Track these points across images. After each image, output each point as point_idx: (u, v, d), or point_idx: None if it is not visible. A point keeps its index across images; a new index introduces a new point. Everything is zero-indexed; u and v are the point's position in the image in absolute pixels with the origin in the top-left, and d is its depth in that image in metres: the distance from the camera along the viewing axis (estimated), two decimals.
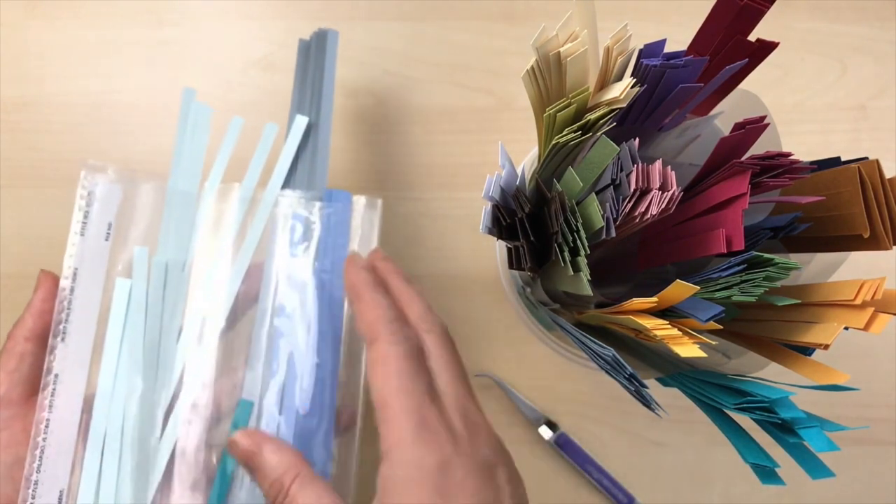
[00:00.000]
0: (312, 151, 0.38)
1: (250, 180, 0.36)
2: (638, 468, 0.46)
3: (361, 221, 0.37)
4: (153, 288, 0.34)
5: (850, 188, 0.29)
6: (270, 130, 0.37)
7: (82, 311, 0.33)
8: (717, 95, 0.33)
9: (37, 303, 0.33)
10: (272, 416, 0.34)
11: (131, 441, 0.32)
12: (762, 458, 0.29)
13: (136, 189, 0.35)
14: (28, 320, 0.32)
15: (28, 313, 0.32)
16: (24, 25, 0.48)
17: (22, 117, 0.47)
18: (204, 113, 0.36)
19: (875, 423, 0.47)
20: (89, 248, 0.34)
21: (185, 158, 0.36)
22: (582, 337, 0.30)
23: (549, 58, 0.28)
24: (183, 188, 0.35)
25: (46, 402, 0.31)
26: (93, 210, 0.34)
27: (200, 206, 0.36)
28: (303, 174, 0.38)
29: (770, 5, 0.29)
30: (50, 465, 0.31)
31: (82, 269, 0.33)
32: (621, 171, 0.28)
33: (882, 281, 0.27)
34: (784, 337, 0.30)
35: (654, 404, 0.29)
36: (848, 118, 0.50)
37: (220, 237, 0.35)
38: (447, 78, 0.49)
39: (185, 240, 0.35)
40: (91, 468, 0.31)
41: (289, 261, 0.36)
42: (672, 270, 0.35)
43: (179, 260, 0.35)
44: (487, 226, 0.29)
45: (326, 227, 0.36)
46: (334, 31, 0.40)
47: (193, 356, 0.34)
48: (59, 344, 0.32)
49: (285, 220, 0.36)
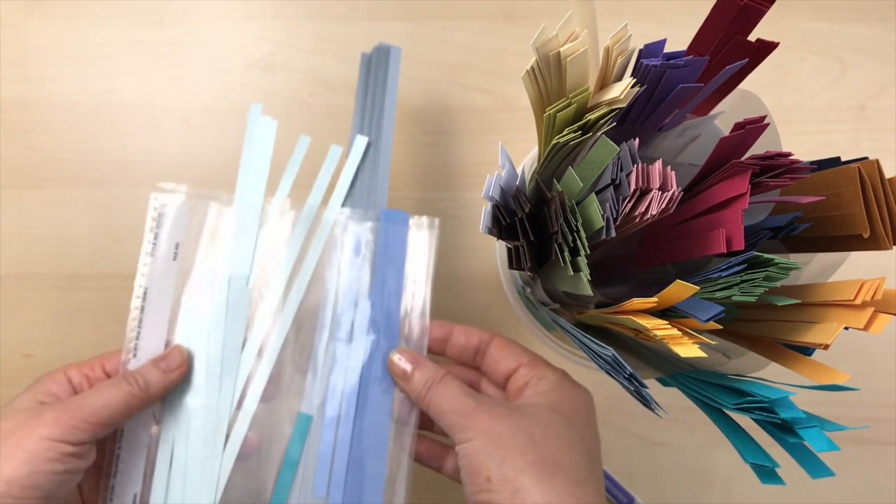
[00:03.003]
0: (372, 170, 0.38)
1: (314, 199, 0.37)
2: (638, 468, 0.46)
3: (418, 241, 0.38)
4: (217, 304, 0.35)
5: (850, 188, 0.29)
6: (335, 152, 0.38)
7: (152, 328, 0.34)
8: (717, 95, 0.33)
9: (161, 381, 0.32)
10: (329, 429, 0.35)
11: (197, 450, 0.33)
12: (762, 458, 0.29)
13: (203, 207, 0.36)
14: (148, 390, 0.32)
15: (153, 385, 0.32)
16: (24, 25, 0.48)
17: (22, 117, 0.47)
18: (269, 128, 0.37)
19: (875, 423, 0.47)
20: (158, 267, 0.34)
21: (250, 175, 0.36)
22: (582, 337, 0.30)
23: (549, 58, 0.28)
24: (248, 205, 0.36)
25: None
26: (162, 231, 0.35)
27: (264, 223, 0.36)
28: (361, 193, 0.38)
29: (770, 5, 0.29)
30: (124, 470, 0.33)
31: (152, 289, 0.34)
32: (621, 171, 0.28)
33: (882, 281, 0.27)
34: (784, 337, 0.30)
35: (654, 404, 0.29)
36: (848, 118, 0.50)
37: (282, 254, 0.36)
38: (447, 78, 0.49)
39: (248, 256, 0.36)
40: (161, 475, 0.33)
41: (347, 278, 0.36)
42: (672, 270, 0.35)
43: (242, 275, 0.35)
44: (487, 226, 0.29)
45: (384, 247, 0.37)
46: (397, 47, 0.40)
47: (255, 370, 0.35)
48: (131, 360, 0.33)
49: (344, 238, 0.37)
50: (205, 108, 0.48)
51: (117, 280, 0.40)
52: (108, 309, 0.35)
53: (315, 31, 0.49)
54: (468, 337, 0.36)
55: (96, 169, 0.47)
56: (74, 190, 0.47)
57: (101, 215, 0.47)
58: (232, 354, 0.35)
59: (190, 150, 0.48)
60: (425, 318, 0.37)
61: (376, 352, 0.36)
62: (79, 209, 0.47)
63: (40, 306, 0.46)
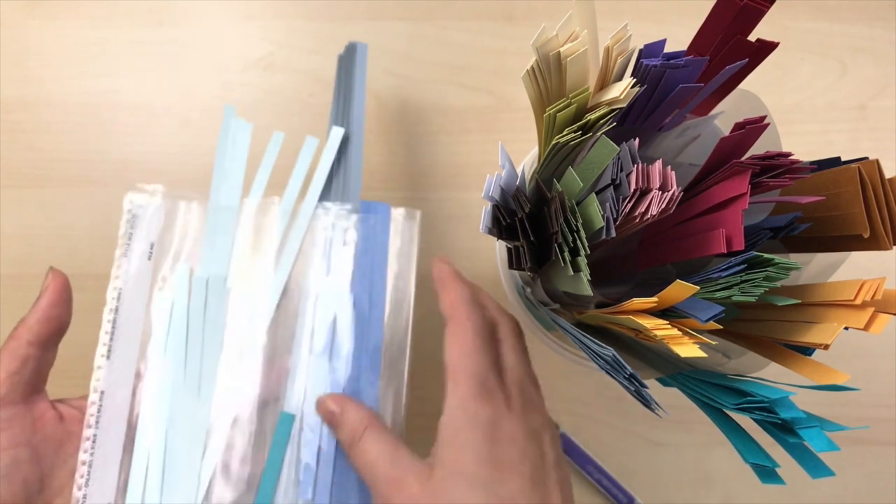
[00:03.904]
0: (345, 163, 0.38)
1: (291, 194, 0.37)
2: (638, 468, 0.46)
3: (401, 232, 0.37)
4: (194, 304, 0.34)
5: (850, 188, 0.29)
6: (311, 144, 0.37)
7: (126, 328, 0.33)
8: (717, 95, 0.33)
9: (45, 307, 0.32)
10: (314, 429, 0.34)
11: (175, 456, 0.33)
12: (762, 458, 0.29)
13: (178, 207, 0.35)
14: (34, 326, 0.32)
15: (34, 318, 0.32)
16: (24, 25, 0.48)
17: (22, 117, 0.47)
18: (244, 129, 0.37)
19: (875, 423, 0.47)
20: (133, 268, 0.34)
21: (225, 174, 0.36)
22: (582, 337, 0.30)
23: (549, 58, 0.28)
24: (224, 203, 0.36)
25: (93, 419, 0.32)
26: (136, 232, 0.34)
27: (240, 221, 0.36)
28: (337, 186, 0.38)
29: (770, 5, 0.29)
30: (97, 480, 0.32)
31: (126, 290, 0.34)
32: (621, 171, 0.28)
33: (882, 281, 0.27)
34: (784, 337, 0.30)
35: (654, 404, 0.29)
36: (848, 118, 0.50)
37: (259, 251, 0.36)
38: (447, 78, 0.49)
39: (226, 255, 0.35)
40: (136, 484, 0.32)
41: (328, 272, 0.36)
42: (672, 270, 0.35)
43: (220, 275, 0.35)
44: (487, 226, 0.29)
45: (365, 239, 0.37)
46: (363, 44, 0.40)
47: (235, 371, 0.34)
48: (104, 363, 0.33)
49: (324, 232, 0.37)
50: (205, 108, 0.48)
51: None
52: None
53: (315, 31, 0.49)
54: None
55: (96, 169, 0.47)
56: (74, 190, 0.47)
57: (101, 215, 0.47)
58: (211, 355, 0.34)
59: (190, 150, 0.48)
60: (409, 310, 0.36)
61: (360, 345, 0.35)
62: (79, 209, 0.47)
63: None
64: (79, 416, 0.32)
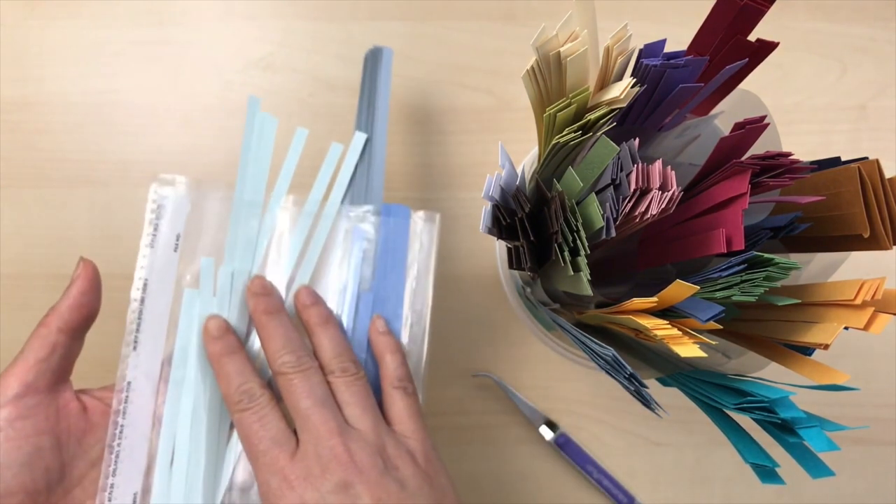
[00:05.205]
0: (368, 166, 0.38)
1: (315, 195, 0.37)
2: (638, 468, 0.46)
3: (420, 235, 0.38)
4: (220, 297, 0.35)
5: (850, 188, 0.29)
6: (336, 150, 0.38)
7: (152, 320, 0.34)
8: (717, 95, 0.33)
9: (76, 294, 0.32)
10: None
11: (199, 448, 0.33)
12: (762, 458, 0.29)
13: (204, 200, 0.36)
14: (65, 313, 0.32)
15: (65, 304, 0.32)
16: (24, 25, 0.48)
17: (22, 117, 0.47)
18: (270, 123, 0.37)
19: (875, 423, 0.47)
20: (159, 259, 0.34)
21: (250, 169, 0.36)
22: (582, 337, 0.30)
23: (549, 58, 0.28)
24: (249, 198, 0.36)
25: (121, 408, 0.33)
26: (162, 222, 0.34)
27: (266, 216, 0.36)
28: (359, 188, 0.38)
29: (770, 5, 0.29)
30: (125, 469, 0.32)
31: (152, 280, 0.34)
32: (621, 171, 0.28)
33: (882, 281, 0.27)
34: (784, 337, 0.30)
35: (654, 404, 0.29)
36: (848, 118, 0.50)
37: (284, 248, 0.36)
38: (447, 78, 0.49)
39: (251, 250, 0.36)
40: (163, 471, 0.33)
41: (348, 273, 0.36)
42: (672, 270, 0.35)
43: (245, 269, 0.35)
44: (487, 226, 0.29)
45: (385, 241, 0.37)
46: (389, 48, 0.40)
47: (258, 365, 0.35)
48: (131, 353, 0.33)
49: (346, 233, 0.37)
50: (205, 108, 0.48)
51: (117, 280, 0.39)
52: (108, 309, 0.35)
53: (315, 31, 0.49)
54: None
55: (96, 169, 0.47)
56: (74, 190, 0.47)
57: (101, 215, 0.47)
58: None
59: (190, 150, 0.48)
60: (427, 311, 0.37)
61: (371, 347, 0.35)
62: (79, 209, 0.47)
63: (40, 306, 0.45)
64: (101, 407, 0.33)
